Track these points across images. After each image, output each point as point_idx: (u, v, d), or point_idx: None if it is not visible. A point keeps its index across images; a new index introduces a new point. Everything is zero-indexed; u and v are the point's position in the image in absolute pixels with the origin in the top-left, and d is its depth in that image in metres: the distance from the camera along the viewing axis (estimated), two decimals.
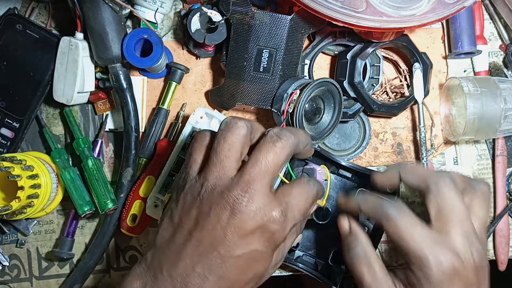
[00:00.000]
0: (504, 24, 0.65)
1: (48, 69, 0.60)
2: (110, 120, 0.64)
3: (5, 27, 0.60)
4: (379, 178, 0.50)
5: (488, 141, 0.65)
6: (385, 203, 0.45)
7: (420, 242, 0.42)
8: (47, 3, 0.64)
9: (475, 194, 0.46)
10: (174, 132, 0.63)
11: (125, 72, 0.59)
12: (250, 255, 0.40)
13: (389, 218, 0.43)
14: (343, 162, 0.56)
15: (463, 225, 0.43)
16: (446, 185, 0.44)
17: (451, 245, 0.42)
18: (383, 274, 0.45)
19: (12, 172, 0.54)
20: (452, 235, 0.42)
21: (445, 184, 0.44)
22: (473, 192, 0.46)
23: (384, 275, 0.45)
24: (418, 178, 0.46)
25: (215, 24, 0.56)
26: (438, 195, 0.44)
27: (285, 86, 0.56)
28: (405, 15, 0.52)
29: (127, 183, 0.60)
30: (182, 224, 0.41)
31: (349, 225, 0.49)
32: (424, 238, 0.42)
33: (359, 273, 0.45)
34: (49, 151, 0.62)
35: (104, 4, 0.56)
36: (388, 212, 0.44)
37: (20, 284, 0.65)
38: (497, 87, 0.58)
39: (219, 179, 0.40)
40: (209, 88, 0.65)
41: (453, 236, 0.42)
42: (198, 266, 0.39)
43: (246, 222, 0.39)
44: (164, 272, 0.40)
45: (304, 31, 0.57)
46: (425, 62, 0.60)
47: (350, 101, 0.61)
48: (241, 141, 0.41)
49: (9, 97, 0.61)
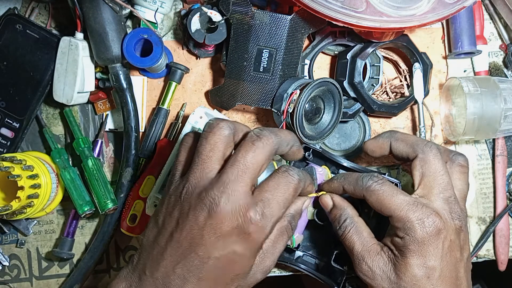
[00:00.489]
0: (504, 24, 0.65)
1: (48, 69, 0.60)
2: (110, 120, 0.64)
3: (5, 27, 0.60)
4: (370, 145, 0.52)
5: (488, 141, 0.65)
6: (364, 175, 0.47)
7: (402, 206, 0.44)
8: (47, 3, 0.64)
9: (455, 166, 0.48)
10: (174, 132, 0.63)
11: (125, 72, 0.59)
12: (229, 257, 0.40)
13: (370, 189, 0.46)
14: (344, 163, 0.56)
15: (445, 191, 0.45)
16: (432, 153, 0.46)
17: (433, 208, 0.44)
18: (372, 241, 0.46)
19: (12, 172, 0.54)
20: (434, 199, 0.45)
21: (431, 152, 0.46)
22: (454, 164, 0.48)
23: (373, 243, 0.46)
24: (407, 145, 0.48)
25: (215, 24, 0.56)
26: (424, 161, 0.46)
27: (285, 86, 0.56)
28: (405, 15, 0.52)
29: (127, 183, 0.60)
30: (165, 226, 0.41)
31: (332, 200, 0.50)
32: (407, 202, 0.44)
33: (350, 243, 0.47)
34: (49, 151, 0.62)
35: (104, 4, 0.56)
36: (369, 183, 0.46)
37: (20, 284, 0.65)
38: (497, 87, 0.58)
39: (199, 180, 0.40)
40: (209, 88, 0.65)
41: (435, 200, 0.45)
42: (178, 267, 0.39)
43: (223, 223, 0.39)
44: (147, 273, 0.40)
45: (304, 31, 0.57)
46: (425, 62, 0.60)
47: (350, 101, 0.61)
48: (224, 141, 0.41)
49: (9, 97, 0.61)
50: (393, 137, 0.50)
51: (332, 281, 0.55)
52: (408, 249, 0.43)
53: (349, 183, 0.48)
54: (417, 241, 0.43)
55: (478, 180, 0.64)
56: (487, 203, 0.64)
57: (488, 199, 0.64)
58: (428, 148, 0.47)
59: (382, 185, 0.46)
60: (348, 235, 0.47)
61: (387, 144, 0.50)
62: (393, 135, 0.50)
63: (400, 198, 0.44)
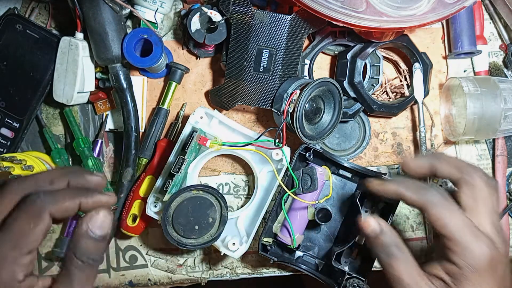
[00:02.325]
0: (504, 24, 0.65)
1: (48, 69, 0.60)
2: (110, 120, 0.64)
3: (5, 27, 0.60)
4: (411, 164, 0.50)
5: (488, 141, 0.65)
6: (429, 188, 0.45)
7: (463, 229, 0.42)
8: (47, 3, 0.64)
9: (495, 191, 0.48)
10: (174, 132, 0.63)
11: (125, 72, 0.59)
12: None
13: (433, 202, 0.44)
14: (345, 163, 0.56)
15: (492, 215, 0.45)
16: (480, 178, 0.46)
17: (487, 233, 0.43)
18: (420, 272, 0.44)
19: (12, 172, 0.54)
20: (484, 224, 0.44)
21: (479, 177, 0.46)
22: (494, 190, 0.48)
23: (421, 273, 0.44)
24: (453, 167, 0.47)
25: (215, 24, 0.56)
26: (472, 185, 0.46)
27: (285, 86, 0.56)
28: (405, 15, 0.52)
29: (127, 183, 0.60)
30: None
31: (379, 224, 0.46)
32: (467, 225, 0.43)
33: (397, 273, 0.44)
34: (49, 151, 0.62)
35: (104, 4, 0.56)
36: (433, 195, 0.44)
37: None
38: (497, 87, 0.58)
39: None
40: (209, 88, 0.65)
41: (485, 225, 0.44)
42: None
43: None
44: None
45: (304, 31, 0.57)
46: (425, 62, 0.60)
47: (350, 101, 0.61)
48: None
49: (9, 97, 0.61)
50: (437, 159, 0.49)
51: (332, 281, 0.55)
52: (465, 277, 0.42)
53: (409, 189, 0.46)
54: (475, 268, 0.41)
55: None
56: None
57: None
58: (475, 172, 0.46)
59: (446, 199, 0.44)
60: (396, 264, 0.44)
61: (430, 165, 0.49)
62: (438, 157, 0.49)
63: (460, 219, 0.43)
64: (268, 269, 0.64)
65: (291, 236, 0.55)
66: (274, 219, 0.57)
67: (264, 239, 0.56)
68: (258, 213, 0.57)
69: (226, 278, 0.64)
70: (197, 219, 0.53)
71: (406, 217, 0.64)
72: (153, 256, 0.64)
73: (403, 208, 0.64)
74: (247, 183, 0.65)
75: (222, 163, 0.64)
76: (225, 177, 0.65)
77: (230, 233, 0.58)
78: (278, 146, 0.54)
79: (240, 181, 0.65)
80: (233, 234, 0.58)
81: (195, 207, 0.53)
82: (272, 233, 0.57)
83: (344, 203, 0.60)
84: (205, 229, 0.54)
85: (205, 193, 0.54)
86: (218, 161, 0.64)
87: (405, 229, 0.64)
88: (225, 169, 0.64)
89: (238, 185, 0.65)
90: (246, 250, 0.56)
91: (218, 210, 0.54)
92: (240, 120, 0.65)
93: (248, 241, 0.56)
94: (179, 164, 0.53)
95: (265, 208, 0.56)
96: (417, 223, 0.64)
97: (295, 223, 0.56)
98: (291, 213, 0.57)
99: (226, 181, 0.65)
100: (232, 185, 0.65)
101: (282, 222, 0.56)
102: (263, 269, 0.64)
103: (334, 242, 0.60)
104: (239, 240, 0.56)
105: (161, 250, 0.64)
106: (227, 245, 0.56)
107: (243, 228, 0.58)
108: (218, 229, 0.54)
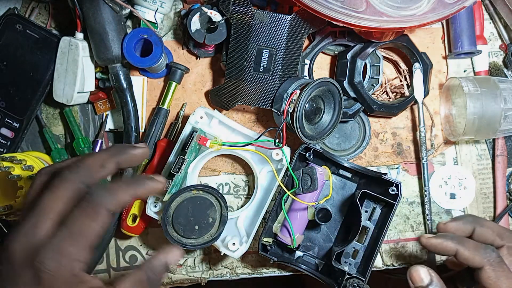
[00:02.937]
0: (504, 24, 0.65)
1: (48, 69, 0.60)
2: (110, 120, 0.64)
3: (5, 27, 0.60)
4: (452, 226, 0.52)
5: (488, 141, 0.65)
6: (487, 248, 0.47)
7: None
8: (47, 3, 0.64)
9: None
10: (174, 132, 0.63)
11: (125, 72, 0.59)
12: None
13: (491, 265, 0.45)
14: (345, 163, 0.56)
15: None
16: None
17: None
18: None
19: (12, 172, 0.54)
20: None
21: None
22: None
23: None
24: (494, 232, 0.50)
25: (215, 24, 0.56)
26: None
27: (285, 86, 0.56)
28: (405, 15, 0.52)
29: None
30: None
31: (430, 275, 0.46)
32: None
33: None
34: (49, 151, 0.62)
35: (104, 4, 0.56)
36: (491, 259, 0.46)
37: None
38: (497, 87, 0.58)
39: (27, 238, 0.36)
40: (209, 88, 0.65)
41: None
42: None
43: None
44: None
45: (304, 31, 0.57)
46: (425, 62, 0.60)
47: (350, 101, 0.61)
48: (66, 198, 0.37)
49: (9, 97, 0.61)
50: (478, 223, 0.51)
51: (332, 281, 0.55)
52: None
53: (469, 248, 0.47)
54: None
55: (478, 180, 0.64)
56: (487, 203, 0.64)
57: (488, 199, 0.64)
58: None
59: (503, 262, 0.46)
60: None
61: (470, 229, 0.51)
62: (478, 221, 0.51)
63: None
64: (268, 269, 0.64)
65: (291, 236, 0.55)
66: (274, 219, 0.57)
67: (264, 239, 0.56)
68: (258, 213, 0.57)
69: (226, 278, 0.64)
70: (197, 219, 0.53)
71: (406, 217, 0.64)
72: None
73: (403, 208, 0.64)
74: (247, 183, 0.65)
75: (222, 163, 0.64)
76: (225, 177, 0.65)
77: (230, 233, 0.58)
78: (278, 146, 0.54)
79: (240, 181, 0.65)
80: (233, 234, 0.58)
81: (195, 207, 0.53)
82: (272, 233, 0.57)
83: (344, 203, 0.60)
84: (205, 229, 0.54)
85: (205, 193, 0.54)
86: (218, 161, 0.64)
87: (405, 229, 0.64)
88: (225, 169, 0.64)
89: (238, 185, 0.65)
90: (246, 250, 0.56)
91: (218, 210, 0.54)
92: (240, 120, 0.65)
93: (248, 241, 0.56)
94: (179, 164, 0.53)
95: (265, 208, 0.56)
96: (417, 223, 0.64)
97: (295, 223, 0.56)
98: (291, 213, 0.57)
99: (226, 181, 0.65)
100: (232, 185, 0.65)
101: (282, 222, 0.56)
102: (263, 269, 0.64)
103: (334, 242, 0.60)
104: (239, 240, 0.56)
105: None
106: (227, 245, 0.56)
107: (243, 228, 0.58)
108: (218, 229, 0.54)
